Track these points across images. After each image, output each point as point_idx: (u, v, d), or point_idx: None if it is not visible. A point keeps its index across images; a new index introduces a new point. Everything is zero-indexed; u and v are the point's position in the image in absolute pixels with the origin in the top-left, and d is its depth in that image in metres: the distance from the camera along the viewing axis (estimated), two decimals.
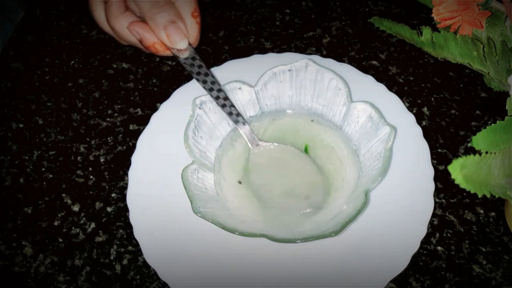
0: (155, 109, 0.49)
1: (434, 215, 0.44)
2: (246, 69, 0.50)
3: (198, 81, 0.40)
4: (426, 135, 0.45)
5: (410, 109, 0.50)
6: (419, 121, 0.48)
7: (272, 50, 0.57)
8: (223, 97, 0.41)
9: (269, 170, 0.43)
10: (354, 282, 0.39)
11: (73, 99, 0.53)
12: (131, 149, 0.48)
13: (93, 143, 0.50)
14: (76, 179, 0.47)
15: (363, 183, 0.40)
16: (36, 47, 0.58)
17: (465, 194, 0.45)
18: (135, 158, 0.45)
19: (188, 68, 0.39)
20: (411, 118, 0.46)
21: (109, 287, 0.41)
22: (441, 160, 0.47)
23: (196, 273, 0.39)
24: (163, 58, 0.56)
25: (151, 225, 0.41)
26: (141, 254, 0.41)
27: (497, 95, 0.51)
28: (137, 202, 0.43)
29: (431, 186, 0.42)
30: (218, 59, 0.56)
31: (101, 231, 0.44)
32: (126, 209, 0.44)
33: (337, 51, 0.56)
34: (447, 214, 0.44)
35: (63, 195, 0.46)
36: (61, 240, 0.43)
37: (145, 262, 0.40)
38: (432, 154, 0.45)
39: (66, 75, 0.56)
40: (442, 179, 0.46)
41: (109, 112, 0.52)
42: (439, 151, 0.48)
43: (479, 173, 0.31)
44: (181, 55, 0.38)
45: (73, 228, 0.44)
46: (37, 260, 0.42)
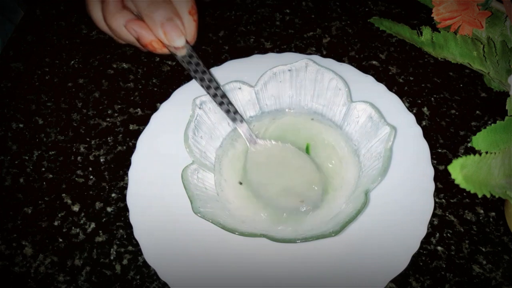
0: (155, 109, 0.49)
1: (434, 215, 0.44)
2: (246, 69, 0.50)
3: (195, 79, 0.40)
4: (426, 135, 0.45)
5: (410, 109, 0.50)
6: (419, 121, 0.48)
7: (272, 50, 0.57)
8: (221, 95, 0.41)
9: (267, 168, 0.43)
10: (354, 282, 0.39)
11: (73, 99, 0.53)
12: (131, 149, 0.48)
13: (93, 143, 0.50)
14: (76, 179, 0.47)
15: (363, 183, 0.40)
16: (36, 47, 0.58)
17: (465, 194, 0.45)
18: (135, 158, 0.45)
19: (185, 66, 0.39)
20: (411, 118, 0.46)
21: (109, 287, 0.41)
22: (441, 160, 0.47)
23: (196, 273, 0.39)
24: (163, 58, 0.56)
25: (151, 225, 0.41)
26: (141, 254, 0.41)
27: (497, 95, 0.51)
28: (137, 202, 0.43)
29: (431, 186, 0.42)
30: (218, 59, 0.55)
31: (101, 231, 0.44)
32: (126, 209, 0.44)
33: (337, 51, 0.56)
34: (447, 214, 0.44)
35: (63, 195, 0.46)
36: (61, 240, 0.43)
37: (145, 262, 0.40)
38: (432, 154, 0.45)
39: (66, 75, 0.56)
40: (442, 179, 0.46)
41: (109, 112, 0.52)
42: (439, 151, 0.48)
43: (479, 173, 0.31)
44: (178, 53, 0.38)
45: (73, 228, 0.44)
46: (37, 260, 0.42)
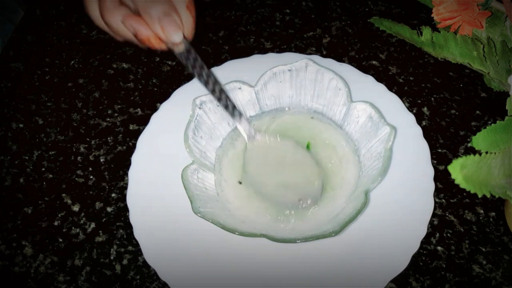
0: (155, 109, 0.49)
1: (434, 215, 0.44)
2: (246, 69, 0.50)
3: (194, 75, 0.40)
4: (426, 135, 0.45)
5: (410, 109, 0.50)
6: (419, 121, 0.48)
7: (272, 50, 0.57)
8: (219, 91, 0.41)
9: (266, 163, 0.43)
10: (354, 282, 0.39)
11: (73, 99, 0.53)
12: (131, 149, 0.48)
13: (93, 143, 0.50)
14: (76, 179, 0.47)
15: (363, 183, 0.40)
16: (36, 47, 0.58)
17: (465, 194, 0.45)
18: (135, 158, 0.45)
19: (183, 62, 0.39)
20: (411, 118, 0.46)
21: (109, 287, 0.41)
22: (441, 160, 0.47)
23: (196, 273, 0.39)
24: (163, 58, 0.56)
25: (151, 225, 0.41)
26: (141, 254, 0.41)
27: (497, 95, 0.51)
28: (137, 202, 0.43)
29: (431, 186, 0.42)
30: (218, 59, 0.55)
31: (101, 231, 0.44)
32: (126, 209, 0.44)
33: (337, 51, 0.56)
34: (447, 214, 0.44)
35: (63, 195, 0.46)
36: (61, 240, 0.43)
37: (145, 262, 0.40)
38: (432, 154, 0.45)
39: (66, 75, 0.56)
40: (442, 179, 0.46)
41: (109, 112, 0.52)
42: (439, 151, 0.48)
43: (479, 173, 0.31)
44: (176, 49, 0.38)
45: (73, 228, 0.44)
46: (37, 260, 0.42)
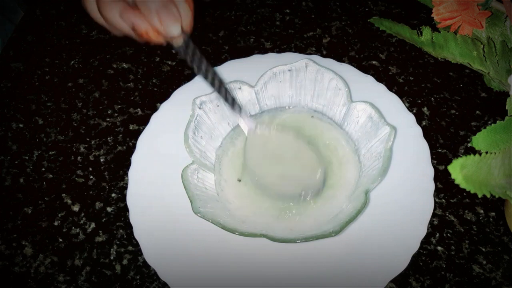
0: (155, 109, 0.49)
1: (434, 215, 0.44)
2: (246, 69, 0.50)
3: (193, 69, 0.39)
4: (426, 135, 0.45)
5: (410, 109, 0.50)
6: (419, 121, 0.48)
7: (272, 50, 0.57)
8: (219, 84, 0.40)
9: (266, 155, 0.43)
10: (354, 282, 0.39)
11: (73, 99, 0.53)
12: (131, 149, 0.48)
13: (93, 143, 0.50)
14: (76, 179, 0.47)
15: (363, 183, 0.40)
16: (36, 47, 0.58)
17: (465, 194, 0.45)
18: (135, 158, 0.45)
19: (182, 55, 0.39)
20: (411, 118, 0.46)
21: (109, 287, 0.41)
22: (441, 160, 0.47)
23: (196, 273, 0.39)
24: (163, 58, 0.56)
25: (151, 225, 0.41)
26: (141, 254, 0.41)
27: (497, 95, 0.51)
28: (137, 202, 0.43)
29: (431, 186, 0.42)
30: (218, 59, 0.55)
31: (101, 231, 0.44)
32: (126, 209, 0.44)
33: (337, 51, 0.56)
34: (447, 214, 0.44)
35: (63, 195, 0.46)
36: (61, 240, 0.43)
37: (145, 262, 0.40)
38: (432, 154, 0.45)
39: (66, 75, 0.55)
40: (442, 179, 0.46)
41: (109, 112, 0.52)
42: (439, 151, 0.48)
43: (479, 173, 0.31)
44: (174, 42, 0.37)
45: (73, 228, 0.44)
46: (37, 260, 0.42)
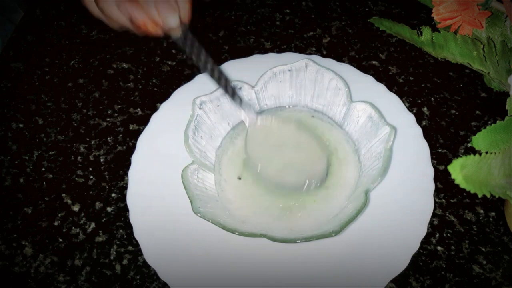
0: (155, 109, 0.49)
1: (434, 215, 0.44)
2: (246, 69, 0.50)
3: (192, 60, 0.39)
4: (426, 135, 0.45)
5: (410, 109, 0.50)
6: (419, 121, 0.48)
7: (272, 50, 0.57)
8: (218, 74, 0.40)
9: (268, 145, 0.43)
10: (354, 282, 0.39)
11: (73, 99, 0.53)
12: (131, 149, 0.48)
13: (93, 143, 0.50)
14: (76, 179, 0.47)
15: (363, 183, 0.40)
16: (36, 47, 0.58)
17: (465, 194, 0.45)
18: (135, 158, 0.45)
19: (181, 47, 0.38)
20: (411, 118, 0.46)
21: (109, 287, 0.41)
22: (441, 160, 0.47)
23: (196, 273, 0.39)
24: (163, 58, 0.56)
25: (151, 225, 0.41)
26: (141, 254, 0.41)
27: (497, 95, 0.51)
28: (137, 202, 0.43)
29: (431, 186, 0.42)
30: (218, 59, 0.55)
31: (101, 231, 0.44)
32: (126, 209, 0.44)
33: (337, 51, 0.56)
34: (447, 214, 0.44)
35: (63, 195, 0.46)
36: (61, 240, 0.43)
37: (145, 262, 0.40)
38: (432, 154, 0.45)
39: (66, 75, 0.55)
40: (442, 179, 0.46)
41: (109, 112, 0.52)
42: (439, 151, 0.48)
43: (479, 173, 0.31)
44: (173, 34, 0.37)
45: (73, 228, 0.44)
46: (37, 260, 0.42)
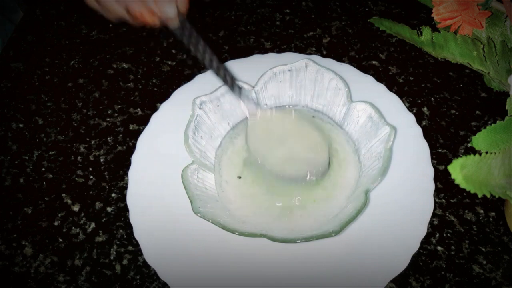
0: (155, 109, 0.49)
1: (434, 215, 0.43)
2: (246, 69, 0.50)
3: (191, 50, 0.39)
4: (426, 135, 0.45)
5: (410, 109, 0.50)
6: (419, 121, 0.48)
7: (272, 50, 0.57)
8: (217, 65, 0.40)
9: (269, 137, 0.43)
10: (354, 282, 0.39)
11: (73, 99, 0.53)
12: (131, 149, 0.48)
13: (93, 143, 0.50)
14: (76, 179, 0.47)
15: (363, 183, 0.40)
16: (36, 47, 0.58)
17: (465, 194, 0.45)
18: (135, 158, 0.45)
19: (179, 37, 0.38)
20: (411, 118, 0.46)
21: (109, 287, 0.41)
22: (441, 160, 0.47)
23: (196, 273, 0.39)
24: (163, 58, 0.56)
25: (151, 225, 0.41)
26: (141, 254, 0.41)
27: (497, 95, 0.51)
28: (137, 202, 0.43)
29: (431, 186, 0.42)
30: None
31: (101, 231, 0.44)
32: (126, 209, 0.44)
33: (337, 51, 0.56)
34: (447, 214, 0.44)
35: (63, 195, 0.46)
36: (61, 240, 0.43)
37: (145, 262, 0.40)
38: (432, 154, 0.45)
39: (66, 75, 0.55)
40: (442, 179, 0.46)
41: (109, 112, 0.52)
42: (439, 151, 0.48)
43: (479, 173, 0.31)
44: (170, 24, 0.37)
45: (73, 228, 0.44)
46: (37, 260, 0.42)
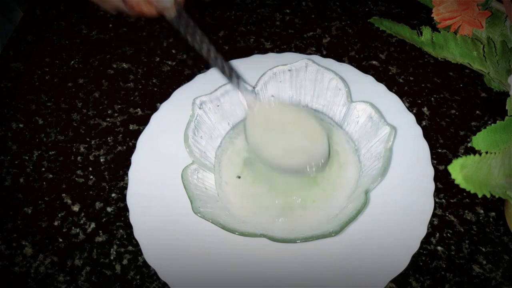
0: (155, 109, 0.49)
1: (434, 215, 0.44)
2: (246, 69, 0.50)
3: (188, 40, 0.39)
4: (426, 135, 0.45)
5: (410, 109, 0.50)
6: (419, 121, 0.48)
7: (272, 50, 0.57)
8: (214, 55, 0.40)
9: (268, 128, 0.42)
10: (354, 282, 0.39)
11: (73, 99, 0.53)
12: (131, 149, 0.48)
13: (93, 143, 0.50)
14: (76, 179, 0.47)
15: (363, 183, 0.40)
16: (36, 47, 0.58)
17: (465, 194, 0.45)
18: (135, 158, 0.45)
19: (176, 27, 0.38)
20: (411, 118, 0.46)
21: (109, 287, 0.41)
22: (441, 160, 0.47)
23: (196, 273, 0.39)
24: (163, 58, 0.56)
25: (151, 225, 0.41)
26: (141, 254, 0.41)
27: (497, 95, 0.51)
28: (137, 202, 0.43)
29: (431, 186, 0.42)
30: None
31: (101, 231, 0.44)
32: (126, 209, 0.44)
33: (337, 51, 0.56)
34: (447, 214, 0.44)
35: (63, 195, 0.46)
36: (61, 240, 0.43)
37: (145, 262, 0.40)
38: (432, 154, 0.45)
39: (66, 75, 0.55)
40: (442, 179, 0.46)
41: (109, 112, 0.52)
42: (439, 151, 0.48)
43: (479, 173, 0.31)
44: (167, 14, 0.37)
45: (73, 228, 0.44)
46: (37, 260, 0.42)
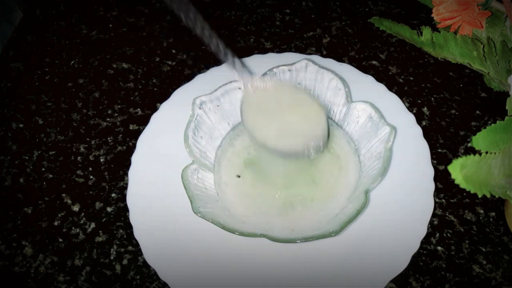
0: (155, 109, 0.49)
1: (434, 215, 0.44)
2: None
3: (183, 20, 0.38)
4: (426, 135, 0.45)
5: (410, 109, 0.50)
6: (419, 121, 0.48)
7: (272, 50, 0.57)
8: (208, 32, 0.39)
9: (263, 110, 0.42)
10: (354, 282, 0.39)
11: (73, 99, 0.53)
12: (131, 149, 0.48)
13: (93, 143, 0.50)
14: (76, 179, 0.47)
15: (363, 183, 0.40)
16: (36, 47, 0.58)
17: (465, 194, 0.45)
18: (135, 158, 0.45)
19: (169, 3, 0.37)
20: (411, 118, 0.46)
21: (109, 287, 0.41)
22: (441, 160, 0.47)
23: (196, 273, 0.39)
24: (163, 58, 0.56)
25: (151, 225, 0.41)
26: (141, 254, 0.41)
27: (497, 95, 0.51)
28: (137, 202, 0.43)
29: (431, 186, 0.42)
30: (218, 59, 0.55)
31: (101, 231, 0.44)
32: (126, 209, 0.44)
33: (337, 51, 0.56)
34: (447, 214, 0.44)
35: (63, 195, 0.46)
36: (61, 240, 0.43)
37: (145, 262, 0.40)
38: (432, 154, 0.45)
39: (66, 75, 0.55)
40: (442, 179, 0.46)
41: (109, 112, 0.52)
42: (439, 151, 0.48)
43: (479, 173, 0.31)
44: None
45: (73, 228, 0.44)
46: (37, 260, 0.42)
